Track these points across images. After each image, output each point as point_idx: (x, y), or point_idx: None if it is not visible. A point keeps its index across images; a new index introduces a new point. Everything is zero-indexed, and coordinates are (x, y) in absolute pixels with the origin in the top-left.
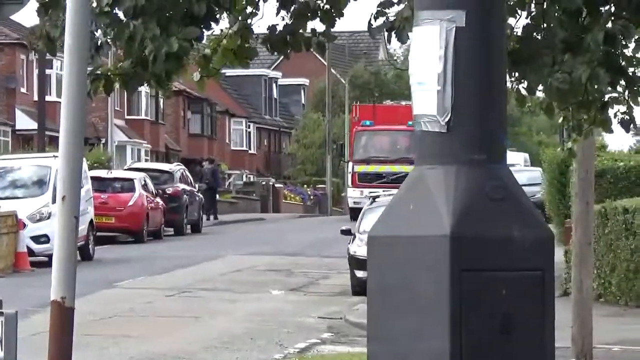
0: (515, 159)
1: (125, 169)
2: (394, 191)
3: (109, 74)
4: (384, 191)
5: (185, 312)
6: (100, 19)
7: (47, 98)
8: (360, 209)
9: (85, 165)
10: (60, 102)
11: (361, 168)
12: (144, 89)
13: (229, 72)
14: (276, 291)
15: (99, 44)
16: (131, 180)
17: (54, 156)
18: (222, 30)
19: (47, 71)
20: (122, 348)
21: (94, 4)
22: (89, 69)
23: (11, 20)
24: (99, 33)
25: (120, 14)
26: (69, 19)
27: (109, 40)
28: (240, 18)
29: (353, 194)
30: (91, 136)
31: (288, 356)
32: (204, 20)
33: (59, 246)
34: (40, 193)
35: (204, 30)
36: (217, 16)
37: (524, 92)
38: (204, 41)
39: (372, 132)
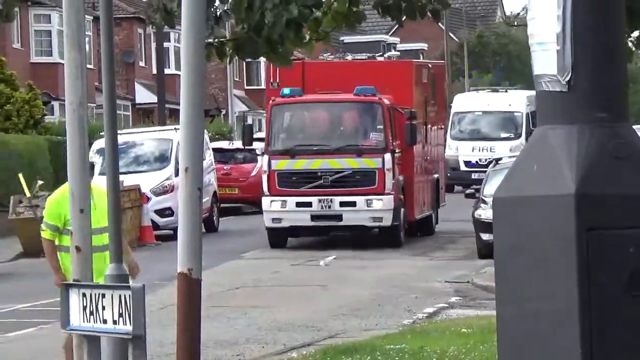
0: None
1: None
2: (337, 200)
3: (222, 40)
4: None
5: (312, 280)
6: None
7: (166, 71)
8: (283, 229)
9: (206, 137)
10: (178, 75)
11: (282, 164)
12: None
13: (347, 38)
14: (402, 257)
15: (218, 15)
16: (253, 150)
17: (175, 129)
18: None
19: (165, 44)
20: (250, 318)
21: None
22: (209, 40)
23: None
24: (217, 4)
25: None
26: None
27: (227, 11)
28: None
29: (271, 207)
30: (211, 107)
31: (417, 321)
32: None
33: (184, 218)
34: (162, 166)
35: None
36: None
37: (631, 46)
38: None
39: (299, 105)
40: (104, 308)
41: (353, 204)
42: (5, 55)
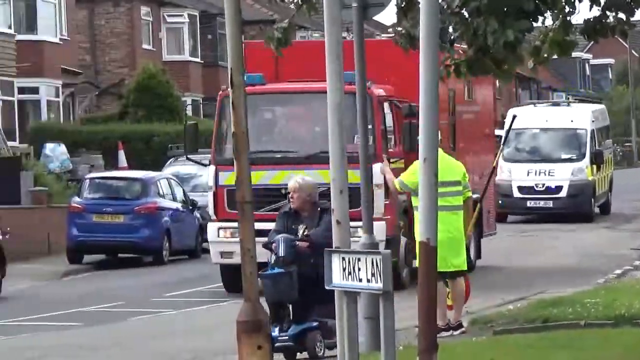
0: None
1: None
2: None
3: (457, 62)
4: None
5: (522, 247)
6: (452, 18)
7: None
8: (235, 267)
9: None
10: None
11: (233, 178)
12: None
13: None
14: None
15: (452, 39)
16: None
17: None
18: (546, 26)
19: None
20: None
21: (445, 6)
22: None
23: (373, 19)
24: (450, 30)
25: (465, 13)
26: (423, 19)
27: (458, 36)
28: (560, 15)
29: (219, 236)
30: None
31: (608, 280)
32: (532, 14)
33: (424, 197)
34: None
35: (533, 22)
36: (542, 11)
37: None
38: (533, 33)
39: (259, 97)
40: (359, 269)
41: None
42: None
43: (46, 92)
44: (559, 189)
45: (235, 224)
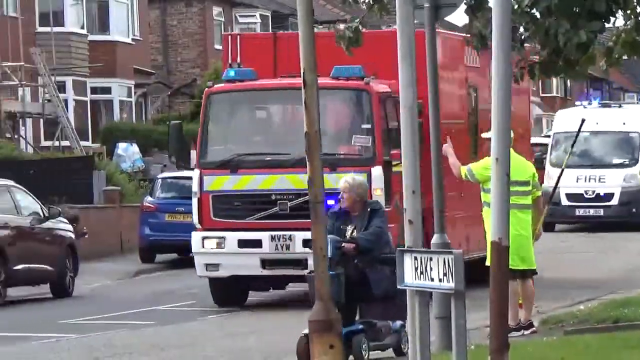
0: None
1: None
2: (298, 236)
3: (531, 63)
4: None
5: (592, 248)
6: (522, 17)
7: None
8: (222, 280)
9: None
10: None
11: (219, 183)
12: None
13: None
14: None
15: (522, 38)
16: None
17: None
18: (618, 27)
19: None
20: (540, 279)
21: (515, 6)
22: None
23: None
24: (521, 30)
25: (536, 13)
26: (495, 18)
27: (530, 36)
28: (632, 16)
29: (204, 247)
30: None
31: None
32: (604, 15)
33: (496, 197)
34: None
35: (605, 23)
36: (614, 11)
37: None
38: (605, 34)
39: (247, 94)
40: (431, 269)
41: None
42: None
43: (118, 92)
44: (610, 196)
45: (222, 234)
